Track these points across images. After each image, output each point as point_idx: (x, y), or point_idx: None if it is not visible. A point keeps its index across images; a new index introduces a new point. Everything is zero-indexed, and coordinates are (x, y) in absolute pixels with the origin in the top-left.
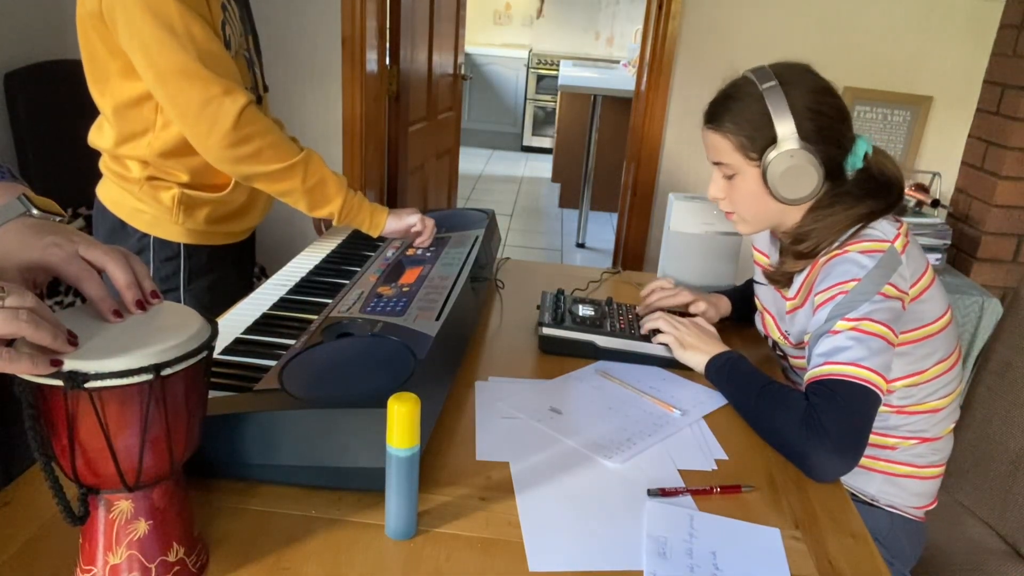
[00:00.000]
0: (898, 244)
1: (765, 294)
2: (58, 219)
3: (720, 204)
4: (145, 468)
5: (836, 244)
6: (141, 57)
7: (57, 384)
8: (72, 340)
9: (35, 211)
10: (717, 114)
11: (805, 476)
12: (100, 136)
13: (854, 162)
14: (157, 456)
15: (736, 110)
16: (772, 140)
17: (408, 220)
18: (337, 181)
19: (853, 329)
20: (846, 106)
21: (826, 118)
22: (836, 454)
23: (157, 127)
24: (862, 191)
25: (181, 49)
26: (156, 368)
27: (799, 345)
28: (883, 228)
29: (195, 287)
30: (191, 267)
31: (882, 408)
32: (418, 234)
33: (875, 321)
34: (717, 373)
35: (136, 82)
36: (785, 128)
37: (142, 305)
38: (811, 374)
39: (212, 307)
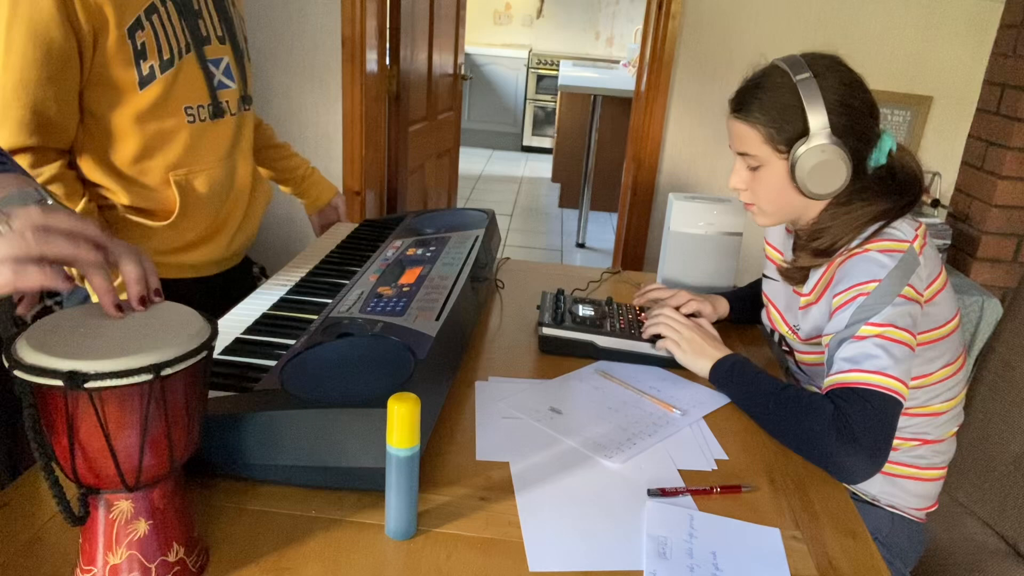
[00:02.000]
0: (916, 245)
1: (775, 288)
2: None
3: (741, 195)
4: (145, 468)
5: (855, 243)
6: None
7: (57, 384)
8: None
9: (50, 200)
10: (746, 103)
11: (804, 476)
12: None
13: (878, 158)
14: (157, 456)
15: (766, 100)
16: (802, 133)
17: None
18: None
19: (879, 336)
20: (875, 100)
21: (857, 113)
22: (866, 460)
23: (82, 138)
24: (882, 188)
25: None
26: (156, 368)
27: (808, 340)
28: (903, 228)
29: None
30: None
31: None
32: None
33: (899, 328)
34: (726, 376)
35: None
36: (818, 121)
37: (144, 301)
38: (837, 379)
39: None
